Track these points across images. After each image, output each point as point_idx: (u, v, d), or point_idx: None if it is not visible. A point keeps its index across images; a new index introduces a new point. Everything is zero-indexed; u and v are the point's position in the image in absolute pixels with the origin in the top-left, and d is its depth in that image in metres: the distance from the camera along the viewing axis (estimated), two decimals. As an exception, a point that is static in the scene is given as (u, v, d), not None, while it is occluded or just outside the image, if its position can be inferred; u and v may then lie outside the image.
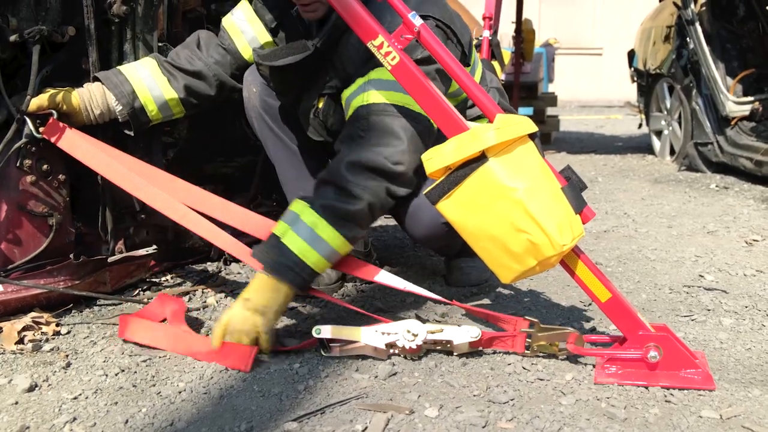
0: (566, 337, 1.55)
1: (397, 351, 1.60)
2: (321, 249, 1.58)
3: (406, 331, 1.58)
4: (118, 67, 1.97)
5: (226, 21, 2.03)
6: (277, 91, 1.94)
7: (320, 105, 1.84)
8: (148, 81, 1.95)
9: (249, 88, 2.00)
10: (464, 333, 1.58)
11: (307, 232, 1.57)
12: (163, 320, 1.74)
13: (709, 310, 1.95)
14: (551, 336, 1.57)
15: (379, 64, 1.60)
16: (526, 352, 1.60)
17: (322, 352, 1.61)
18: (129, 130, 1.98)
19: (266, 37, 1.98)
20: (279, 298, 1.59)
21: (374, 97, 1.66)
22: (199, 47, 2.02)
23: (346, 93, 1.74)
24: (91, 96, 1.91)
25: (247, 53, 2.00)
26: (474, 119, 1.78)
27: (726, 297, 2.06)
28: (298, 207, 1.61)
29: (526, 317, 1.60)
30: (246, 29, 1.99)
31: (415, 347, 1.58)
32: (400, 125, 1.64)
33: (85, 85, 1.93)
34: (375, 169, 1.60)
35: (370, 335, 1.59)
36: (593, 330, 1.79)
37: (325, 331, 1.59)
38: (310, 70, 1.80)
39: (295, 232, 1.58)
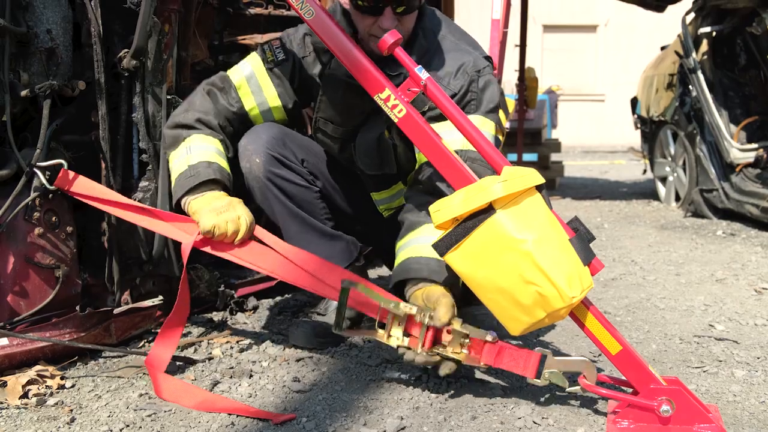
0: (581, 367, 1.53)
1: (406, 343, 1.60)
2: None
3: (429, 316, 1.57)
4: (213, 160, 1.90)
5: (238, 80, 1.99)
6: (334, 122, 1.97)
7: (386, 133, 1.88)
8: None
9: (251, 159, 1.97)
10: (482, 333, 1.57)
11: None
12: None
13: (720, 361, 1.93)
14: (565, 363, 1.55)
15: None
16: (536, 379, 1.56)
17: (334, 330, 1.65)
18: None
19: (276, 102, 2.00)
20: None
21: None
22: (216, 114, 1.99)
23: None
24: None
25: (253, 113, 2.01)
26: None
27: (737, 347, 2.03)
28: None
29: (539, 348, 1.58)
30: (256, 90, 1.99)
31: (430, 337, 1.58)
32: None
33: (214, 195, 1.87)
34: None
35: (392, 303, 1.60)
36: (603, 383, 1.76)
37: (353, 287, 1.63)
38: None
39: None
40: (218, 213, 1.77)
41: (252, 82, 1.98)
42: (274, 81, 1.98)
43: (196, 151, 1.88)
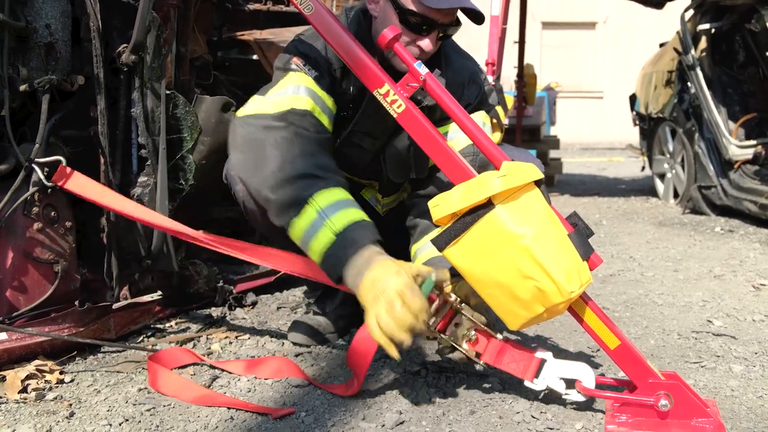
0: (579, 372, 1.53)
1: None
2: None
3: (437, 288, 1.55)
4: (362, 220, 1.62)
5: (308, 104, 1.74)
6: (372, 136, 1.93)
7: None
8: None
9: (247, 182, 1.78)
10: (494, 330, 1.58)
11: None
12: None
13: (718, 356, 1.93)
14: (565, 368, 1.55)
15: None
16: (534, 381, 1.56)
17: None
18: None
19: (333, 105, 1.83)
20: None
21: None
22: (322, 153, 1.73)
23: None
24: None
25: (330, 128, 1.81)
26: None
27: (735, 343, 2.04)
28: None
29: (539, 353, 1.58)
30: (324, 107, 1.79)
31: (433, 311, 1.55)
32: None
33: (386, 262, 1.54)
34: None
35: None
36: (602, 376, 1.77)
37: None
38: None
39: None
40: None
41: (317, 100, 1.77)
42: (326, 93, 1.81)
43: (333, 213, 1.58)
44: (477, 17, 1.70)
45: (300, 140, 1.67)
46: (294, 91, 1.74)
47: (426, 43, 1.72)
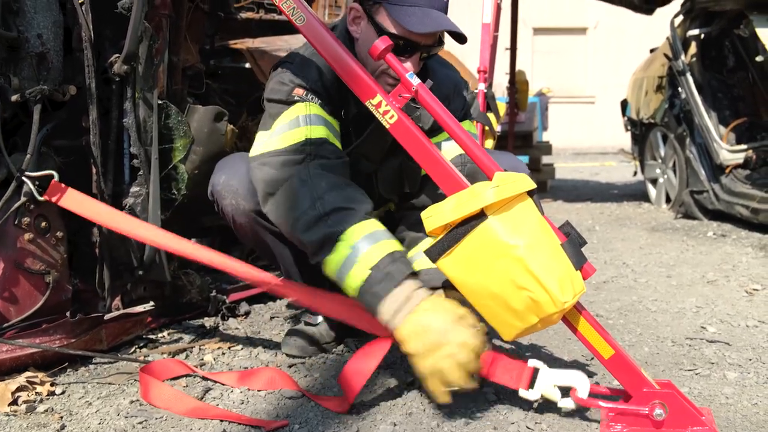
0: (574, 381, 1.53)
1: None
2: None
3: None
4: (395, 251, 1.58)
5: (323, 131, 1.74)
6: (370, 159, 1.94)
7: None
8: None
9: (236, 194, 1.85)
10: None
11: None
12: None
13: (712, 363, 1.93)
14: (558, 377, 1.54)
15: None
16: (528, 391, 1.55)
17: None
18: None
19: (339, 128, 1.82)
20: None
21: None
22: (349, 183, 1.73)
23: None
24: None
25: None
26: None
27: (729, 349, 2.04)
28: None
29: (532, 361, 1.57)
30: (335, 132, 1.79)
31: None
32: None
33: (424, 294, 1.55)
34: None
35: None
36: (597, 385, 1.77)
37: None
38: None
39: None
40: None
41: (328, 125, 1.76)
42: (332, 117, 1.80)
43: (366, 247, 1.56)
44: (459, 38, 1.70)
45: (324, 172, 1.66)
46: (305, 121, 1.72)
47: (408, 66, 1.70)
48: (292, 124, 1.72)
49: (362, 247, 1.55)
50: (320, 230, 1.59)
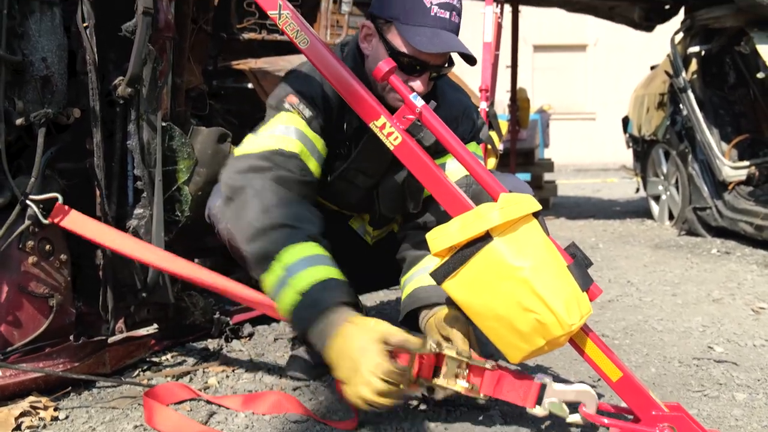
0: (581, 396, 1.51)
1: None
2: None
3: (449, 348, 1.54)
4: (327, 279, 1.56)
5: (296, 146, 1.73)
6: (367, 173, 1.92)
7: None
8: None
9: None
10: (481, 361, 1.55)
11: None
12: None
13: (720, 384, 1.92)
14: (566, 392, 1.53)
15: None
16: (536, 408, 1.54)
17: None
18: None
19: (324, 147, 1.81)
20: None
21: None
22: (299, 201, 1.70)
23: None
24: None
25: (317, 171, 1.79)
26: None
27: (737, 370, 2.03)
28: None
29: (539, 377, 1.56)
30: (312, 149, 1.77)
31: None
32: None
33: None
34: None
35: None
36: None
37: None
38: None
39: None
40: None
41: (306, 143, 1.75)
42: (317, 135, 1.79)
43: (298, 271, 1.54)
44: (469, 59, 1.71)
45: (281, 186, 1.65)
46: (284, 131, 1.73)
47: (417, 84, 1.71)
48: (270, 131, 1.74)
49: (295, 269, 1.53)
50: (260, 245, 1.58)
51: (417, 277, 1.81)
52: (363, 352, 1.43)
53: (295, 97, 1.77)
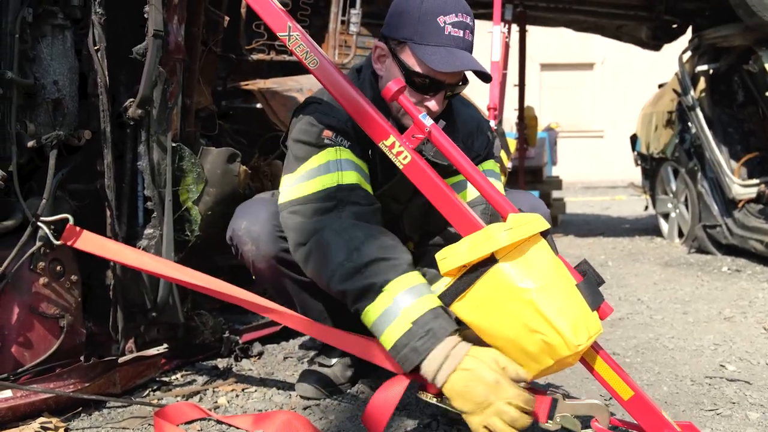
0: (593, 410, 1.50)
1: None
2: None
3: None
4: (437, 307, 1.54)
5: (354, 177, 1.73)
6: (399, 201, 1.93)
7: None
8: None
9: (258, 240, 1.84)
10: None
11: None
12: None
13: (734, 403, 1.90)
14: (577, 407, 1.52)
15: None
16: (548, 422, 1.52)
17: None
18: None
19: (368, 171, 1.82)
20: None
21: None
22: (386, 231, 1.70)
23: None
24: None
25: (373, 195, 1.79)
26: None
27: (750, 388, 2.01)
28: None
29: (550, 391, 1.55)
30: (365, 176, 1.79)
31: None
32: None
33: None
34: None
35: None
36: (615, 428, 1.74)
37: None
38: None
39: None
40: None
41: (359, 170, 1.76)
42: (362, 161, 1.80)
43: (410, 301, 1.52)
44: (484, 77, 1.71)
45: (358, 221, 1.65)
46: (336, 166, 1.72)
47: (432, 104, 1.72)
48: (322, 169, 1.71)
49: (405, 300, 1.52)
50: (358, 281, 1.56)
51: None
52: (496, 386, 1.43)
53: (330, 131, 1.76)
